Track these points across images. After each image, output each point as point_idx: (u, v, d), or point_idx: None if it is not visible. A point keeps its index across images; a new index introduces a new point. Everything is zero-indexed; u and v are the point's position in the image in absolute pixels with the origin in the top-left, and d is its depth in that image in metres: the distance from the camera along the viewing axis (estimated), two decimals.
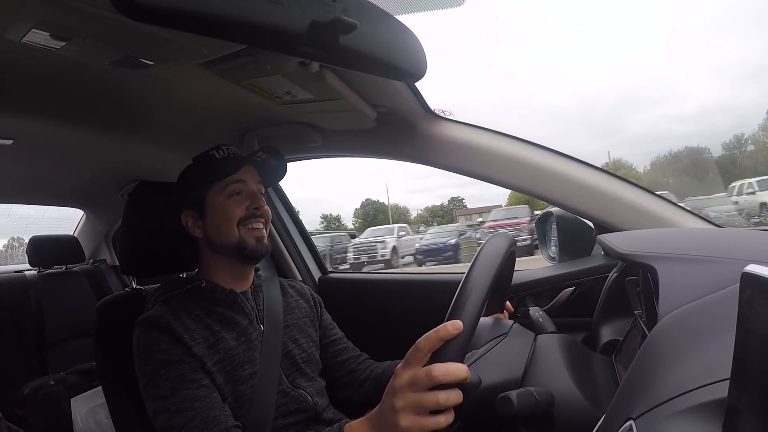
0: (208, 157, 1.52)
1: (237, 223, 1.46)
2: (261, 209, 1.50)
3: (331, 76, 1.44)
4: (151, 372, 1.30)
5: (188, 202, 1.52)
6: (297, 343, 1.56)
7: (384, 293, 2.36)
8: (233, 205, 1.47)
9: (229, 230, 1.46)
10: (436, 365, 0.85)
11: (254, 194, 1.50)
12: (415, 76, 1.17)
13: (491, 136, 1.73)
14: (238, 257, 1.49)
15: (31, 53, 1.16)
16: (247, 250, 1.47)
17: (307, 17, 0.83)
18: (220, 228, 1.48)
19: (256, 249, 1.48)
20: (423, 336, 0.89)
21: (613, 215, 1.59)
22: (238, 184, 1.49)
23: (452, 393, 0.86)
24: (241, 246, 1.47)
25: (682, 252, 0.95)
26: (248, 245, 1.47)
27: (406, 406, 0.88)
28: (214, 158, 1.50)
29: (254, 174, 1.54)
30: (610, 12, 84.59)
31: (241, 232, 1.47)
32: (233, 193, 1.48)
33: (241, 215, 1.47)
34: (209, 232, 1.50)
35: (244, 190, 1.50)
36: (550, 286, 1.82)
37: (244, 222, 1.47)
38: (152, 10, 0.68)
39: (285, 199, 2.60)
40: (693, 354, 0.68)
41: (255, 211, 1.48)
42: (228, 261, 1.51)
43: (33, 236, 3.32)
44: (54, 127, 1.79)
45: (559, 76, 77.71)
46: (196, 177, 1.53)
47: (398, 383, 0.90)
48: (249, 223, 1.48)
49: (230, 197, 1.48)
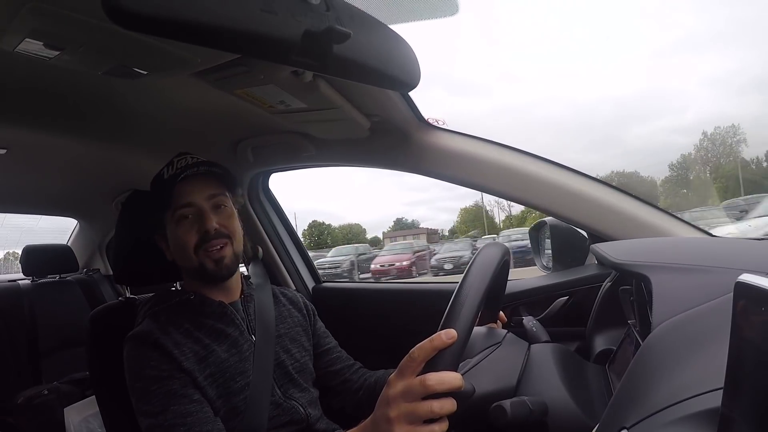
0: (159, 178, 1.48)
1: (193, 250, 1.42)
2: (211, 231, 1.41)
3: (324, 86, 1.44)
4: (142, 389, 1.30)
5: (156, 227, 1.49)
6: (289, 353, 1.55)
7: (378, 302, 2.35)
8: (183, 232, 1.42)
9: (188, 257, 1.43)
10: (430, 374, 0.85)
11: (202, 216, 1.43)
12: (409, 85, 1.17)
13: (485, 145, 1.73)
14: (200, 280, 1.47)
15: (25, 62, 1.16)
16: (208, 275, 1.43)
17: (300, 26, 0.83)
18: (180, 254, 1.46)
19: (217, 272, 1.44)
20: (417, 345, 0.88)
21: (607, 224, 1.59)
22: (186, 207, 1.43)
23: (446, 402, 0.85)
24: (201, 271, 1.43)
25: (675, 261, 0.95)
26: (207, 269, 1.43)
27: (399, 415, 0.87)
28: (162, 180, 1.46)
29: (205, 189, 1.46)
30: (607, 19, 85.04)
31: (199, 257, 1.42)
32: (181, 219, 1.43)
33: (195, 241, 1.42)
34: (175, 257, 1.49)
35: (193, 213, 1.43)
36: (544, 295, 1.82)
37: (200, 247, 1.42)
38: (145, 19, 0.68)
39: (278, 207, 2.59)
40: (687, 363, 0.69)
41: (206, 235, 1.41)
42: (202, 280, 1.48)
43: (27, 245, 3.30)
44: (47, 136, 1.79)
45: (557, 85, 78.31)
46: (150, 202, 1.49)
47: (392, 393, 0.89)
48: (205, 247, 1.42)
49: (179, 223, 1.43)
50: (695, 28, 66.25)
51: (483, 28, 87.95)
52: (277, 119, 1.72)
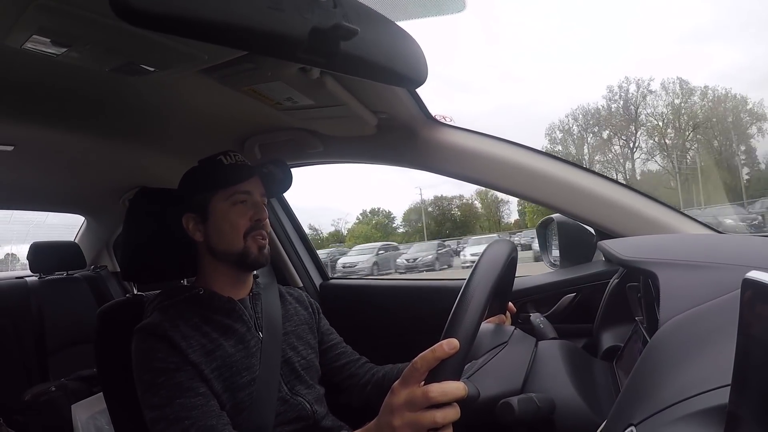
0: (216, 162, 1.51)
1: (243, 234, 1.47)
2: (263, 221, 1.50)
3: (331, 83, 1.44)
4: (149, 380, 1.30)
5: (191, 205, 1.52)
6: (296, 350, 1.56)
7: (385, 299, 2.36)
8: (238, 214, 1.48)
9: (235, 239, 1.47)
10: (433, 385, 0.86)
11: (258, 206, 1.52)
12: (416, 81, 1.16)
13: (492, 142, 1.72)
14: (238, 265, 1.50)
15: (32, 60, 1.16)
16: (250, 260, 1.48)
17: (307, 23, 0.83)
18: (223, 235, 1.48)
19: (258, 259, 1.49)
20: (419, 356, 0.89)
21: (614, 221, 1.59)
22: (244, 194, 1.50)
23: (449, 411, 0.87)
24: (244, 255, 1.47)
25: (683, 258, 0.95)
26: (251, 255, 1.48)
27: (403, 425, 0.89)
28: (222, 164, 1.50)
29: (260, 185, 1.55)
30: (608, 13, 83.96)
31: (246, 242, 1.47)
32: (238, 202, 1.49)
33: (246, 226, 1.48)
34: (210, 238, 1.50)
35: (249, 201, 1.50)
36: (551, 292, 1.82)
37: (249, 233, 1.48)
38: (152, 15, 0.69)
39: (286, 205, 2.61)
40: (694, 360, 0.68)
41: (258, 223, 1.49)
42: (227, 267, 1.51)
43: (34, 242, 3.32)
44: (55, 133, 1.80)
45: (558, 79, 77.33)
46: (201, 180, 1.52)
47: (396, 401, 0.91)
48: (254, 233, 1.48)
49: (235, 206, 1.48)
50: (700, 21, 65.76)
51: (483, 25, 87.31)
52: (284, 116, 1.72)
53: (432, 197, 55.30)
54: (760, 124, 40.94)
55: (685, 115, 44.64)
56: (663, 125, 45.77)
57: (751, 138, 41.75)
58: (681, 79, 45.68)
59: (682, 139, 44.04)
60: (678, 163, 43.02)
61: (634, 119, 46.85)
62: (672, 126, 45.42)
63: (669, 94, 45.76)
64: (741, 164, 41.86)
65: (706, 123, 43.07)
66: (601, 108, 49.21)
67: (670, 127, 45.51)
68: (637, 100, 47.16)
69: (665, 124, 45.72)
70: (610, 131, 47.11)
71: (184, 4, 0.71)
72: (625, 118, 47.45)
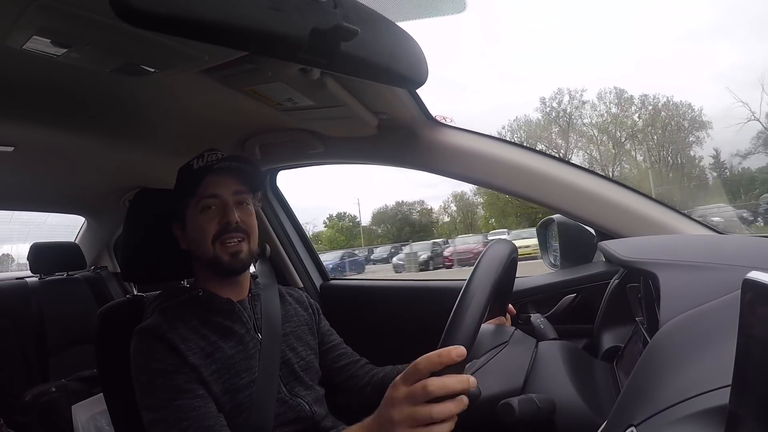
0: (187, 167, 1.50)
1: (211, 240, 1.44)
2: (233, 223, 1.44)
3: (332, 83, 1.44)
4: (147, 382, 1.30)
5: (175, 213, 1.52)
6: (295, 351, 1.56)
7: (386, 299, 2.36)
8: (205, 220, 1.45)
9: (204, 246, 1.45)
10: (433, 379, 0.86)
11: (226, 207, 1.45)
12: (417, 82, 1.16)
13: (493, 142, 1.72)
14: (215, 272, 1.48)
15: (33, 60, 1.16)
16: (223, 267, 1.45)
17: (308, 24, 0.83)
18: (195, 243, 1.47)
19: (231, 265, 1.45)
20: (423, 356, 0.89)
21: (615, 222, 1.59)
22: (211, 198, 1.45)
23: (447, 405, 0.86)
24: (215, 262, 1.45)
25: (683, 259, 0.95)
26: (222, 262, 1.44)
27: (402, 419, 0.88)
28: (191, 169, 1.49)
29: (231, 184, 1.49)
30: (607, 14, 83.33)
31: (216, 249, 1.44)
32: (205, 208, 1.45)
33: (215, 231, 1.44)
34: (190, 245, 1.51)
35: (218, 204, 1.46)
36: (552, 292, 1.82)
37: (218, 238, 1.44)
38: (153, 16, 0.69)
39: (286, 205, 2.60)
40: (694, 361, 0.68)
41: (227, 226, 1.44)
42: (212, 273, 1.50)
43: (34, 243, 3.31)
44: (55, 134, 1.80)
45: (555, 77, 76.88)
46: (177, 189, 1.52)
47: (396, 395, 0.90)
48: (223, 239, 1.44)
49: (203, 212, 1.45)
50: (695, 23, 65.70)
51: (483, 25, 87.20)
52: (284, 117, 1.72)
53: (394, 203, 55.47)
54: (698, 133, 40.61)
55: (617, 126, 44.19)
56: (597, 135, 45.32)
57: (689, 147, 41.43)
58: (617, 88, 44.90)
59: (618, 149, 43.70)
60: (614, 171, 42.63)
61: (565, 131, 46.22)
62: (608, 135, 44.91)
63: (605, 104, 45.11)
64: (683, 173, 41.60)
65: (643, 131, 42.79)
66: (536, 120, 48.47)
67: (606, 137, 45.03)
68: (570, 110, 46.42)
69: (600, 134, 45.25)
70: (544, 144, 46.35)
71: (185, 5, 0.71)
72: (558, 130, 46.83)
